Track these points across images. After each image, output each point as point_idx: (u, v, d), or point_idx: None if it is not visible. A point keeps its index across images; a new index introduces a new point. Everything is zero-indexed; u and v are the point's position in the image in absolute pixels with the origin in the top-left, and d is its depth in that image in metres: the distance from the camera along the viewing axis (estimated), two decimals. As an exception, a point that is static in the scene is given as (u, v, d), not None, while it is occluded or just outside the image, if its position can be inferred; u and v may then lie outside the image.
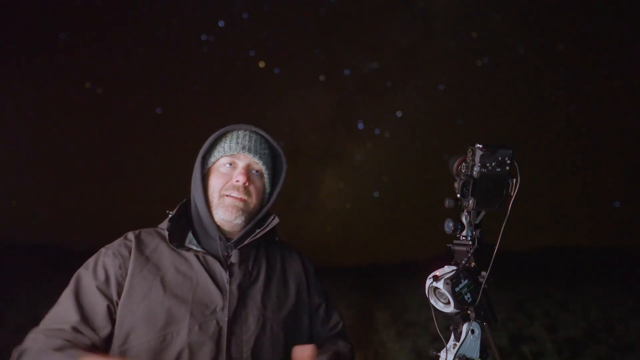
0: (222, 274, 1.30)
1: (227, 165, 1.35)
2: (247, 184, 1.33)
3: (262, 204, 1.41)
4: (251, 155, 1.35)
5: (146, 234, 1.35)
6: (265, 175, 1.40)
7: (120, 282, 1.24)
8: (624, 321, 6.91)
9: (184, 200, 1.42)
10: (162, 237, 1.34)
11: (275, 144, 1.43)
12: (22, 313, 6.22)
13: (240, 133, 1.38)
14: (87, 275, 1.25)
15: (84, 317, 1.20)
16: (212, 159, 1.37)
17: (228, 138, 1.37)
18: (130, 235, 1.33)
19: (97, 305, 1.21)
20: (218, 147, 1.37)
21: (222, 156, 1.36)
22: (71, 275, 1.31)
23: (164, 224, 1.36)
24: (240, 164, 1.35)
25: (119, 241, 1.32)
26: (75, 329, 1.18)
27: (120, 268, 1.25)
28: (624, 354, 5.51)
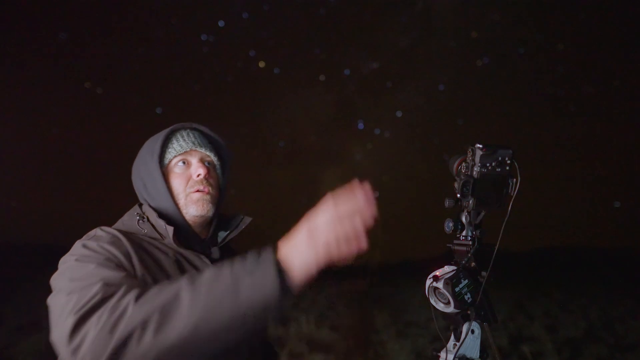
0: None
1: (181, 164, 1.35)
2: (207, 176, 1.36)
3: (220, 194, 1.43)
4: (203, 149, 1.37)
5: (123, 234, 1.22)
6: (218, 166, 1.44)
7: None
8: (624, 321, 6.91)
9: (138, 205, 1.37)
10: (135, 239, 1.23)
11: (215, 136, 1.44)
12: (22, 313, 6.22)
13: (184, 132, 1.40)
14: (101, 249, 1.09)
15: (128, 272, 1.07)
16: (165, 162, 1.36)
17: (174, 139, 1.38)
18: (111, 230, 1.21)
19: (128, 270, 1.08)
20: (168, 149, 1.36)
21: (174, 156, 1.35)
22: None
23: (129, 227, 1.28)
24: (194, 159, 1.37)
25: (105, 232, 1.18)
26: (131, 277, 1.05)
27: (126, 258, 1.12)
28: (624, 354, 5.51)
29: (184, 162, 1.35)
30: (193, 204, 1.32)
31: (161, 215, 1.33)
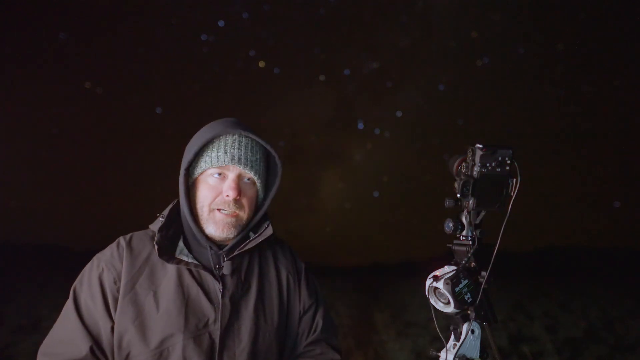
0: (214, 286, 1.27)
1: (216, 175, 1.26)
2: (238, 197, 1.26)
3: (256, 211, 1.35)
4: (241, 167, 1.25)
5: (138, 241, 1.29)
6: (258, 183, 1.32)
7: (116, 298, 1.22)
8: (624, 321, 6.91)
9: (175, 201, 1.35)
10: (146, 247, 1.29)
11: (267, 146, 1.31)
12: (22, 313, 6.22)
13: (229, 139, 1.26)
14: (85, 294, 1.22)
15: (95, 342, 1.19)
16: (199, 170, 1.27)
17: (215, 146, 1.26)
18: (122, 243, 1.28)
19: (102, 328, 1.20)
20: (204, 156, 1.26)
21: (209, 167, 1.26)
22: (71, 275, 1.30)
23: (156, 226, 1.31)
24: (230, 175, 1.26)
25: (111, 250, 1.27)
26: (91, 357, 1.18)
27: (115, 283, 1.22)
28: (624, 354, 5.51)
29: (219, 174, 1.26)
30: (214, 223, 1.26)
31: (184, 220, 1.30)
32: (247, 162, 1.26)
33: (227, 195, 1.25)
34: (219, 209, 1.26)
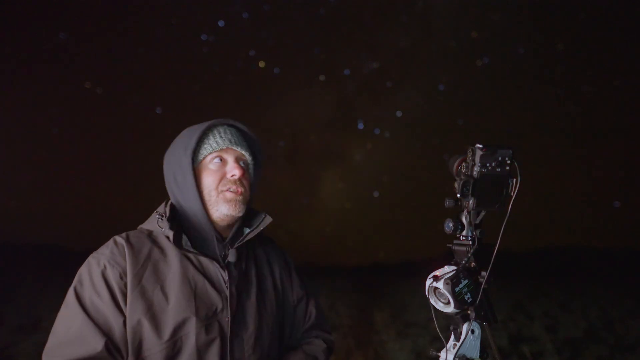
0: (219, 276, 1.30)
1: (216, 160, 1.33)
2: (242, 177, 1.34)
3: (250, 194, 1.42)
4: (239, 148, 1.36)
5: (135, 238, 1.29)
6: (251, 166, 1.43)
7: (124, 293, 1.20)
8: (624, 321, 6.91)
9: (169, 201, 1.37)
10: (152, 240, 1.31)
11: (251, 134, 1.42)
12: (22, 313, 6.22)
13: (221, 129, 1.37)
14: (89, 293, 1.20)
15: (108, 338, 1.17)
16: (199, 157, 1.33)
17: (210, 135, 1.35)
18: (120, 241, 1.27)
19: (114, 324, 1.18)
20: (204, 144, 1.34)
21: (209, 153, 1.33)
22: (71, 275, 1.28)
23: (151, 225, 1.33)
24: (230, 158, 1.35)
25: (109, 248, 1.25)
26: (106, 353, 1.16)
27: (121, 279, 1.21)
28: (624, 354, 5.51)
29: (220, 159, 1.34)
30: (225, 203, 1.31)
31: (184, 212, 1.33)
32: (243, 145, 1.38)
33: (233, 175, 1.33)
34: (227, 190, 1.33)
